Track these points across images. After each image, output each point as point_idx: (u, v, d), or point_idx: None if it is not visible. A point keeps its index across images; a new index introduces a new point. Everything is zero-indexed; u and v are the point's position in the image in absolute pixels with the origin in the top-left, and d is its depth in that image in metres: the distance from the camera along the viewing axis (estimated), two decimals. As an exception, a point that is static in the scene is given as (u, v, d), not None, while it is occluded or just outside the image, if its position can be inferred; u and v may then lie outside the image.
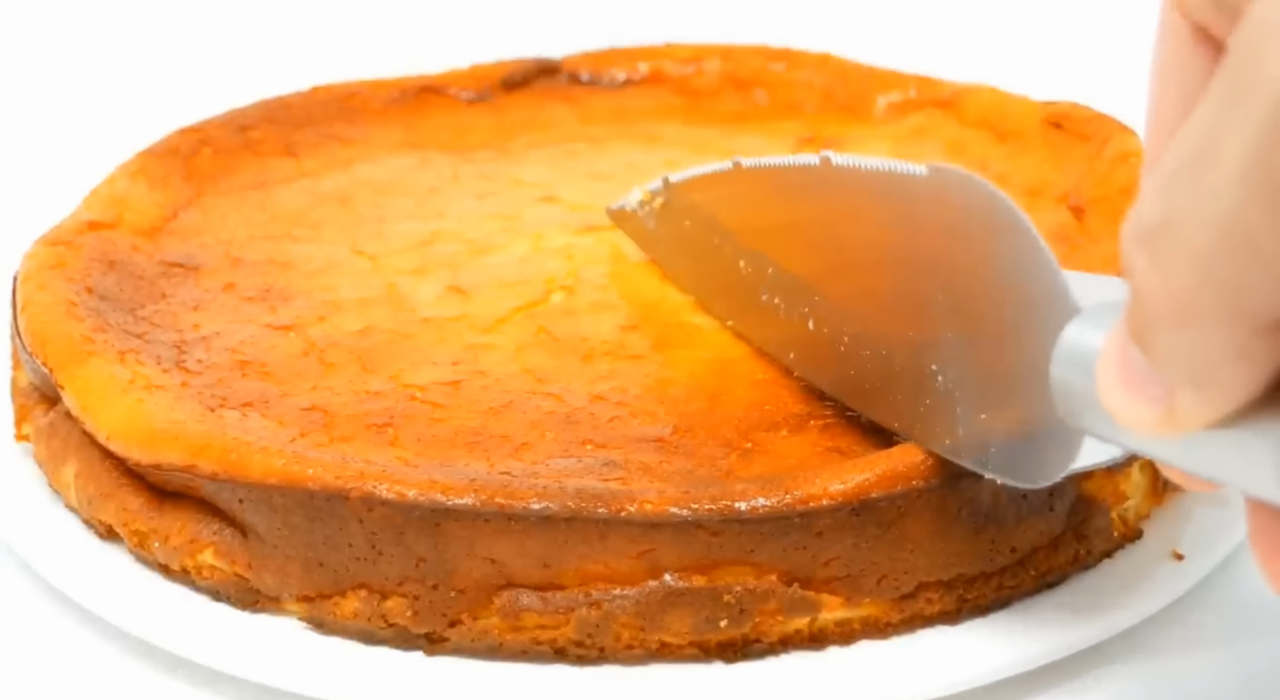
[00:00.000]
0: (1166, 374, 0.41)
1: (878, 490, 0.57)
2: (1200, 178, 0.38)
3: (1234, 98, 0.37)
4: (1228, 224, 0.37)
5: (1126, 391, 0.42)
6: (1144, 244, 0.39)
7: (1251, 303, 0.38)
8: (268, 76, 0.93)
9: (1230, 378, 0.39)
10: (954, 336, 0.55)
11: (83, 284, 0.69)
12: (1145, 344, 0.41)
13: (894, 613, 0.58)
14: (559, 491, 0.57)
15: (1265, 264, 0.37)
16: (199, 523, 0.60)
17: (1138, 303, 0.40)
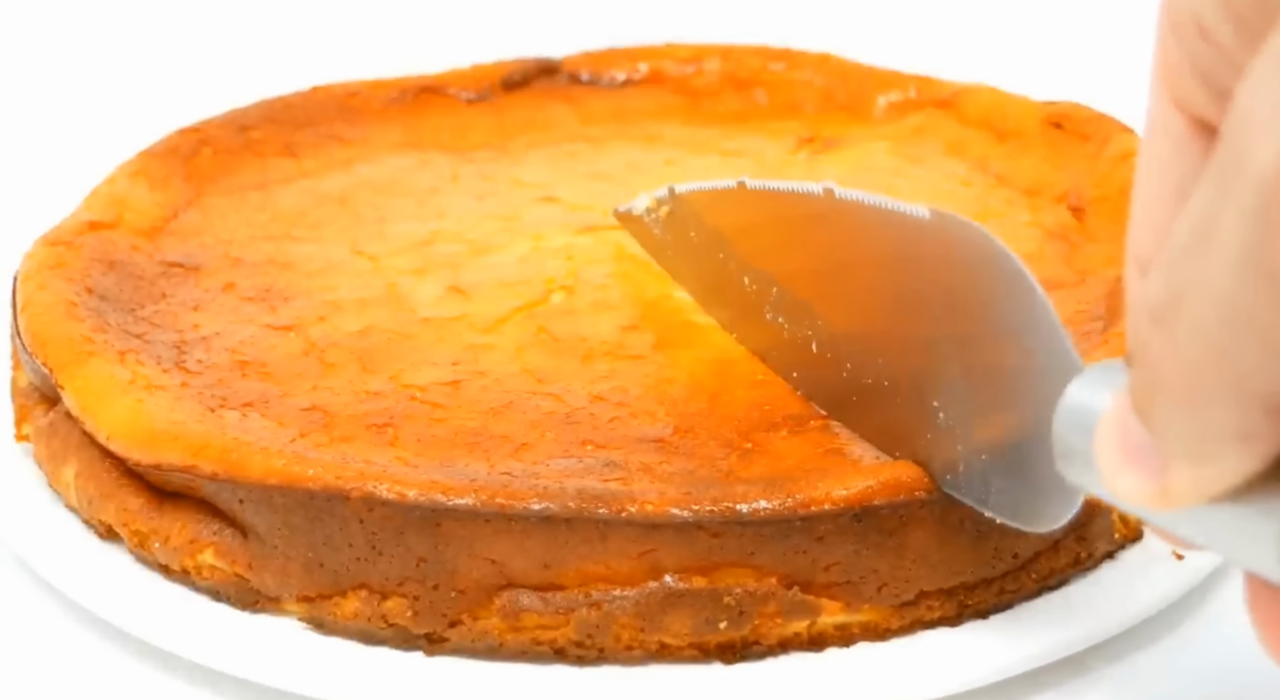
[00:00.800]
0: (1166, 448, 0.41)
1: (880, 498, 0.57)
2: (1201, 259, 0.38)
3: (1223, 184, 0.38)
4: (1231, 305, 0.38)
5: (1124, 462, 0.42)
6: (1154, 319, 0.40)
7: (1257, 383, 0.38)
8: (268, 76, 0.93)
9: (1230, 456, 0.40)
10: (955, 378, 0.56)
11: (83, 284, 0.69)
12: (1147, 416, 0.41)
13: (894, 619, 0.58)
14: (559, 492, 0.57)
15: (1268, 345, 0.38)
16: (199, 523, 0.60)
17: (1143, 375, 0.41)
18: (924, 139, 0.83)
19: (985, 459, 0.55)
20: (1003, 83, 0.84)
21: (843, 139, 0.83)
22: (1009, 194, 0.77)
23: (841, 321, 0.61)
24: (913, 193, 0.78)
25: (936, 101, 0.84)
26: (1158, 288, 0.40)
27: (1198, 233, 0.38)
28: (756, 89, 0.88)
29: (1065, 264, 0.71)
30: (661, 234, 0.70)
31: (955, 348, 0.55)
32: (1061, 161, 0.78)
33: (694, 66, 0.90)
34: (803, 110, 0.87)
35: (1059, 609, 0.59)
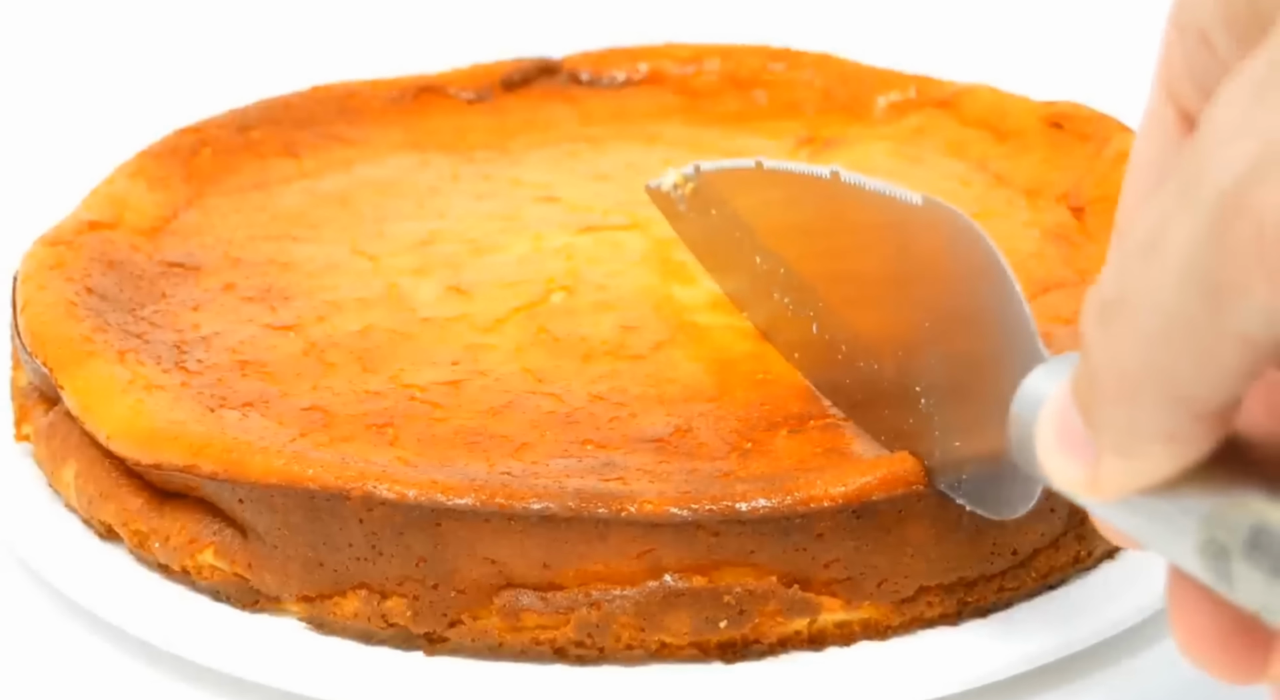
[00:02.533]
0: (1098, 440, 0.42)
1: (879, 493, 0.57)
2: (1149, 264, 0.39)
3: (1182, 192, 0.38)
4: (1170, 313, 0.38)
5: (1060, 449, 0.43)
6: (1099, 316, 0.40)
7: (1187, 390, 0.39)
8: (268, 76, 0.93)
9: (1157, 454, 0.41)
10: (936, 363, 0.56)
11: (83, 284, 0.69)
12: (1084, 409, 0.42)
13: (894, 616, 0.58)
14: (559, 492, 0.57)
15: (1201, 355, 0.38)
16: (199, 523, 0.60)
17: (1084, 369, 0.42)
18: (924, 139, 0.83)
19: (958, 445, 0.56)
20: (1003, 83, 0.84)
21: (842, 139, 0.83)
22: (1009, 194, 0.77)
23: (838, 302, 0.62)
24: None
25: (936, 101, 0.84)
26: (1107, 285, 0.40)
27: (1151, 237, 0.39)
28: (756, 89, 0.88)
29: (1065, 264, 0.71)
30: (686, 210, 0.70)
31: (937, 333, 0.56)
32: (1061, 161, 0.78)
33: (694, 66, 0.90)
34: (802, 110, 0.87)
35: (1059, 608, 0.59)
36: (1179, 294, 0.38)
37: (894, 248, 0.58)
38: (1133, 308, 0.39)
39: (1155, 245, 0.39)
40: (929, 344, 0.57)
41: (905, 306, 0.58)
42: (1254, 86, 0.37)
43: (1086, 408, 0.42)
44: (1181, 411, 0.40)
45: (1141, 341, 0.39)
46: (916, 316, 0.57)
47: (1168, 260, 0.38)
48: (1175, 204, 0.38)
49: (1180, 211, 0.38)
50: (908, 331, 0.58)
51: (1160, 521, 0.42)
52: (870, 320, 0.60)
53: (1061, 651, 0.58)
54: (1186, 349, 0.38)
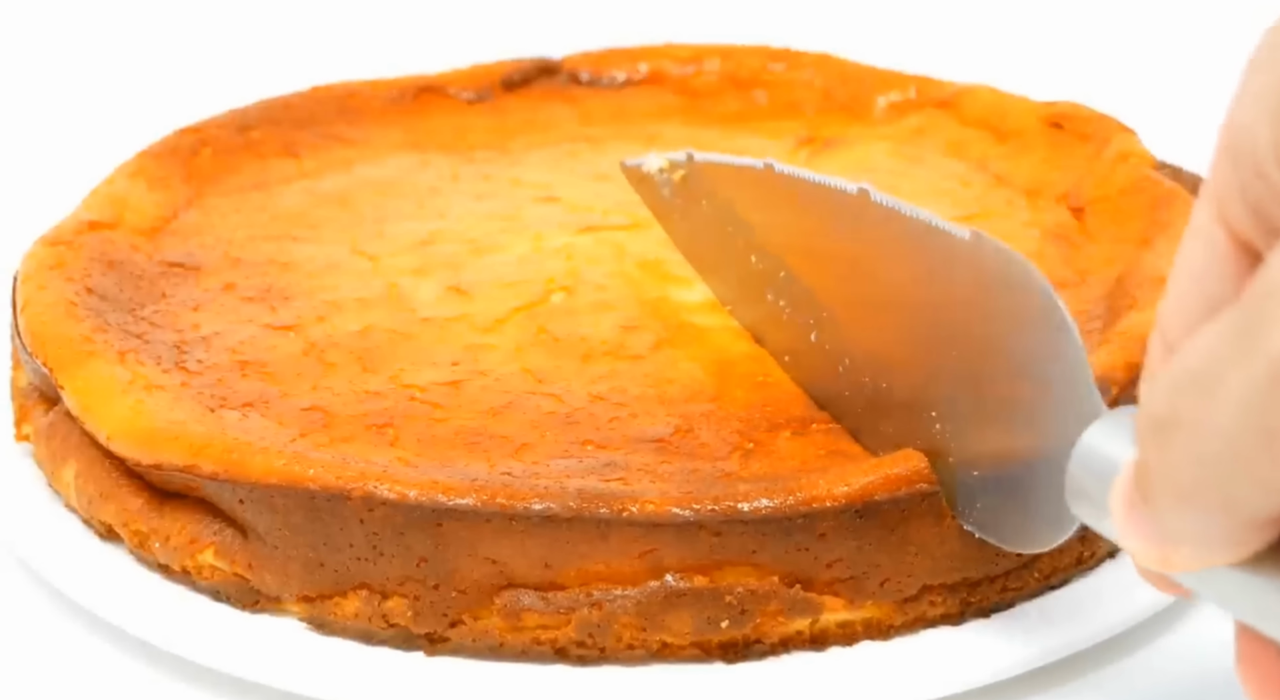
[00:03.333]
0: (1165, 530, 0.43)
1: (881, 493, 0.57)
2: (1207, 398, 0.40)
3: (1241, 341, 0.40)
4: (1227, 445, 0.40)
5: (1130, 526, 0.44)
6: (1154, 431, 0.42)
7: (1243, 506, 0.41)
8: (268, 76, 0.93)
9: (1220, 550, 0.42)
10: (961, 394, 0.56)
11: (83, 284, 0.69)
12: (1146, 501, 0.43)
13: (896, 615, 0.58)
14: (560, 492, 0.57)
15: (1256, 482, 0.40)
16: (199, 523, 0.60)
17: (1141, 473, 0.43)
18: (924, 139, 0.83)
19: (976, 475, 0.56)
20: (1003, 83, 0.84)
21: (842, 139, 0.83)
22: (1009, 194, 0.77)
23: (849, 319, 0.61)
24: (913, 193, 0.78)
25: (936, 102, 0.84)
26: (1160, 402, 0.42)
27: (1207, 372, 0.40)
28: (756, 89, 0.88)
29: (1065, 264, 0.71)
30: (670, 197, 0.69)
31: (968, 367, 0.55)
32: (1061, 161, 0.78)
33: (694, 67, 0.90)
34: (802, 110, 0.87)
35: (1060, 608, 0.59)
36: (1235, 430, 0.40)
37: (930, 277, 0.57)
38: (1189, 433, 0.41)
39: (1212, 382, 0.40)
40: (955, 377, 0.56)
41: (933, 338, 0.57)
42: None
43: (1148, 501, 0.43)
44: (1239, 521, 0.41)
45: (1198, 463, 0.41)
46: (945, 350, 0.56)
47: (1226, 401, 0.40)
48: (1234, 349, 0.40)
49: (1240, 357, 0.39)
50: (931, 360, 0.57)
51: (1242, 592, 0.43)
52: (886, 343, 0.59)
53: (1064, 652, 0.58)
54: (1242, 475, 0.40)
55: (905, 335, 0.58)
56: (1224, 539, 0.42)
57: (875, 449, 0.60)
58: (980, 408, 0.55)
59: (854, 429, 0.61)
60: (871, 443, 0.60)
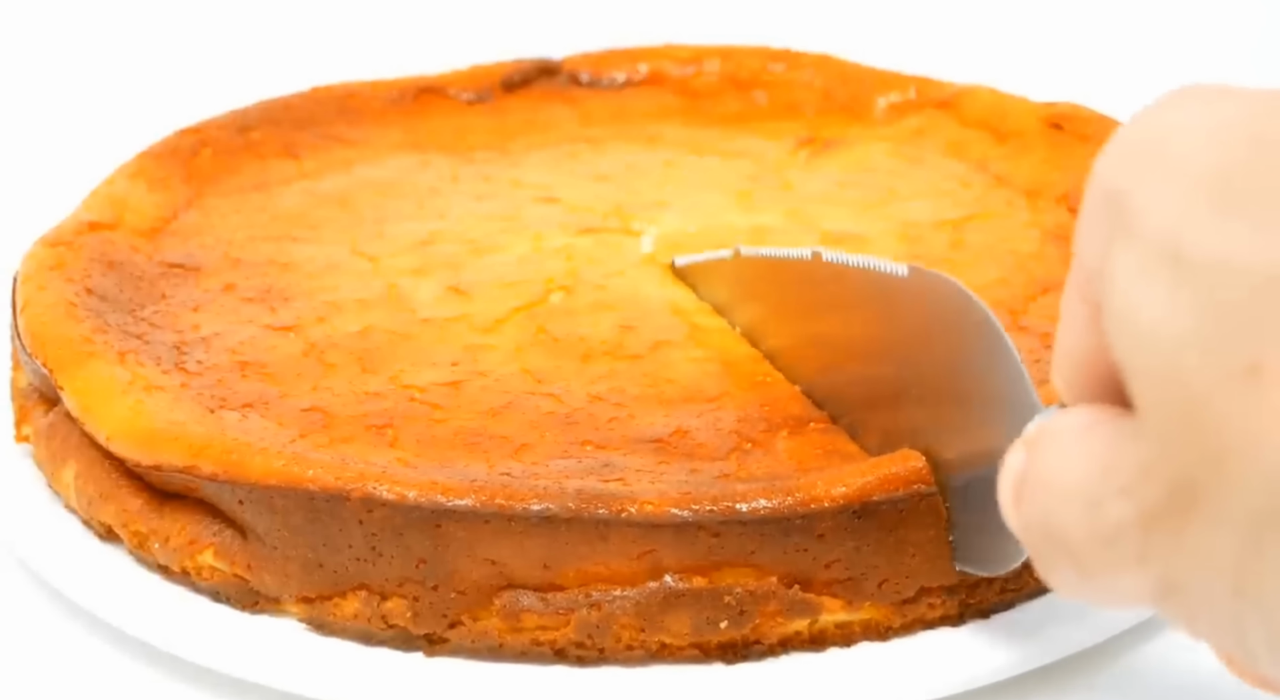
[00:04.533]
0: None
1: (880, 493, 0.57)
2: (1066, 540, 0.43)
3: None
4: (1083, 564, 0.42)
5: (1014, 525, 0.45)
6: (1014, 497, 0.44)
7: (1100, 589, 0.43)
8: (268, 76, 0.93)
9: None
10: (927, 427, 0.57)
11: (82, 285, 0.69)
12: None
13: (895, 617, 0.58)
14: (559, 492, 0.57)
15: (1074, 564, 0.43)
16: (199, 524, 0.60)
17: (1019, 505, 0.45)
18: (924, 140, 0.83)
19: (947, 506, 0.57)
20: (1002, 83, 0.84)
21: (842, 140, 0.83)
22: (1009, 194, 0.77)
23: (823, 379, 0.63)
24: (912, 193, 0.78)
25: (936, 102, 0.84)
26: (1033, 509, 0.43)
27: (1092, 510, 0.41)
28: (756, 90, 0.89)
29: (1065, 265, 0.71)
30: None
31: (924, 397, 0.57)
32: (1061, 162, 0.78)
33: (694, 67, 0.90)
34: (802, 111, 0.87)
35: (1060, 609, 0.59)
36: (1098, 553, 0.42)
37: (880, 320, 0.59)
38: (1055, 543, 0.43)
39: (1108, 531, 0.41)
40: (918, 410, 0.58)
41: (892, 377, 0.59)
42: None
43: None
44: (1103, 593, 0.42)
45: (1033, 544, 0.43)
46: (904, 384, 0.58)
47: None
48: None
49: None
50: (895, 400, 0.59)
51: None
52: (856, 394, 0.61)
53: (1061, 652, 0.58)
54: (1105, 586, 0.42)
55: (870, 380, 0.60)
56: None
57: (873, 448, 0.60)
58: (941, 434, 0.57)
59: (850, 427, 0.62)
60: (868, 441, 0.61)
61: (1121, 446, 0.40)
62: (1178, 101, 0.41)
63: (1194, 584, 0.39)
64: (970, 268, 0.71)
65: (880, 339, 0.59)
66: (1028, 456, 0.44)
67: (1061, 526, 0.42)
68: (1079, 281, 0.43)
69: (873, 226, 0.75)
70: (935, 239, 0.74)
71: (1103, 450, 0.41)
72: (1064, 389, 0.46)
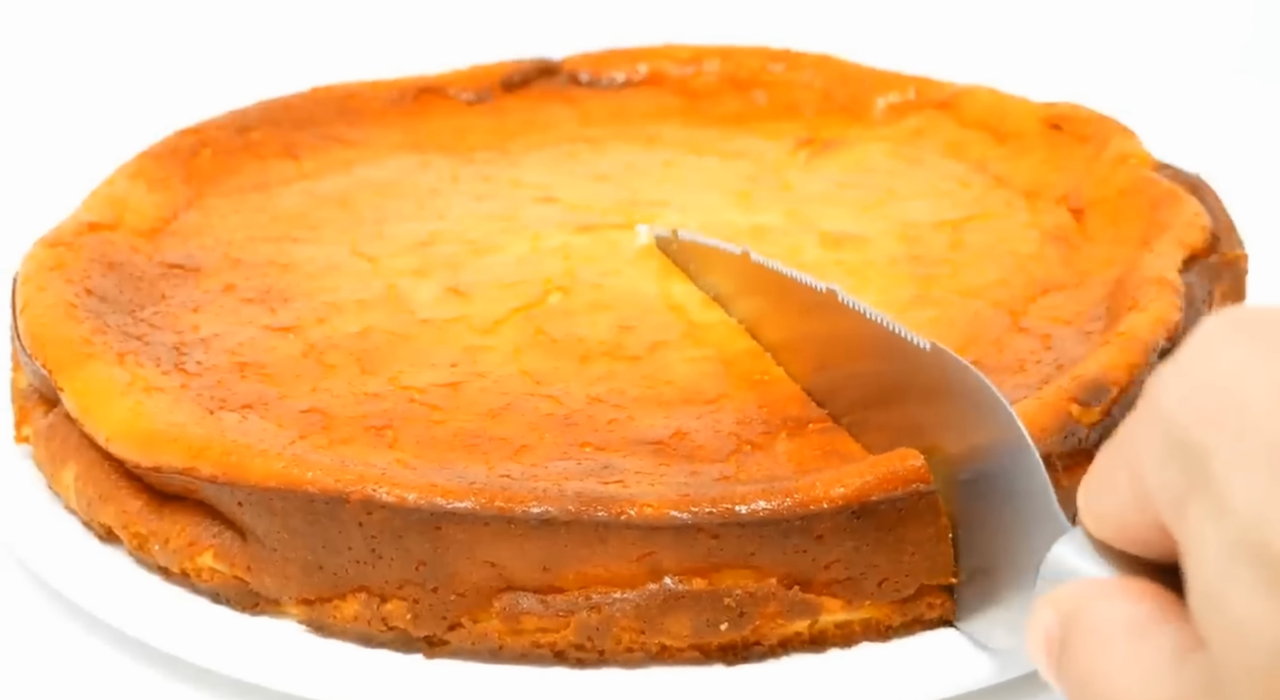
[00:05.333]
0: None
1: (878, 493, 0.57)
2: None
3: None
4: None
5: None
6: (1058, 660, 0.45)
7: None
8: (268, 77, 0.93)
9: None
10: (928, 424, 0.57)
11: (82, 285, 0.69)
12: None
13: (895, 616, 0.58)
14: (558, 495, 0.57)
15: None
16: (199, 525, 0.60)
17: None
18: (923, 140, 0.83)
19: (949, 504, 0.57)
20: (1002, 84, 0.84)
21: (842, 140, 0.83)
22: (1008, 195, 0.77)
23: (823, 380, 0.63)
24: (912, 193, 0.78)
25: (936, 103, 0.84)
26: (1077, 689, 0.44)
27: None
28: (756, 90, 0.89)
29: (1065, 265, 0.71)
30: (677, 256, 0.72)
31: (927, 395, 0.57)
32: (1061, 163, 0.78)
33: (693, 67, 0.90)
34: (802, 111, 0.87)
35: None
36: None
37: (895, 379, 0.59)
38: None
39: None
40: (919, 401, 0.58)
41: (892, 368, 0.59)
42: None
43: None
44: None
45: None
46: (904, 376, 0.58)
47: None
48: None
49: None
50: (895, 390, 0.59)
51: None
52: (854, 383, 0.62)
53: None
54: None
55: (871, 376, 0.60)
56: None
57: (874, 446, 0.60)
58: (946, 425, 0.56)
59: (851, 426, 0.62)
60: (869, 440, 0.61)
61: (1185, 682, 0.41)
62: (1235, 338, 0.41)
63: None
64: (970, 268, 0.71)
65: (891, 397, 0.59)
66: (1063, 628, 0.45)
67: None
68: (1132, 473, 0.43)
69: (872, 227, 0.75)
70: (935, 239, 0.74)
71: (1163, 674, 0.41)
72: (1094, 527, 0.46)
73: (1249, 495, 0.38)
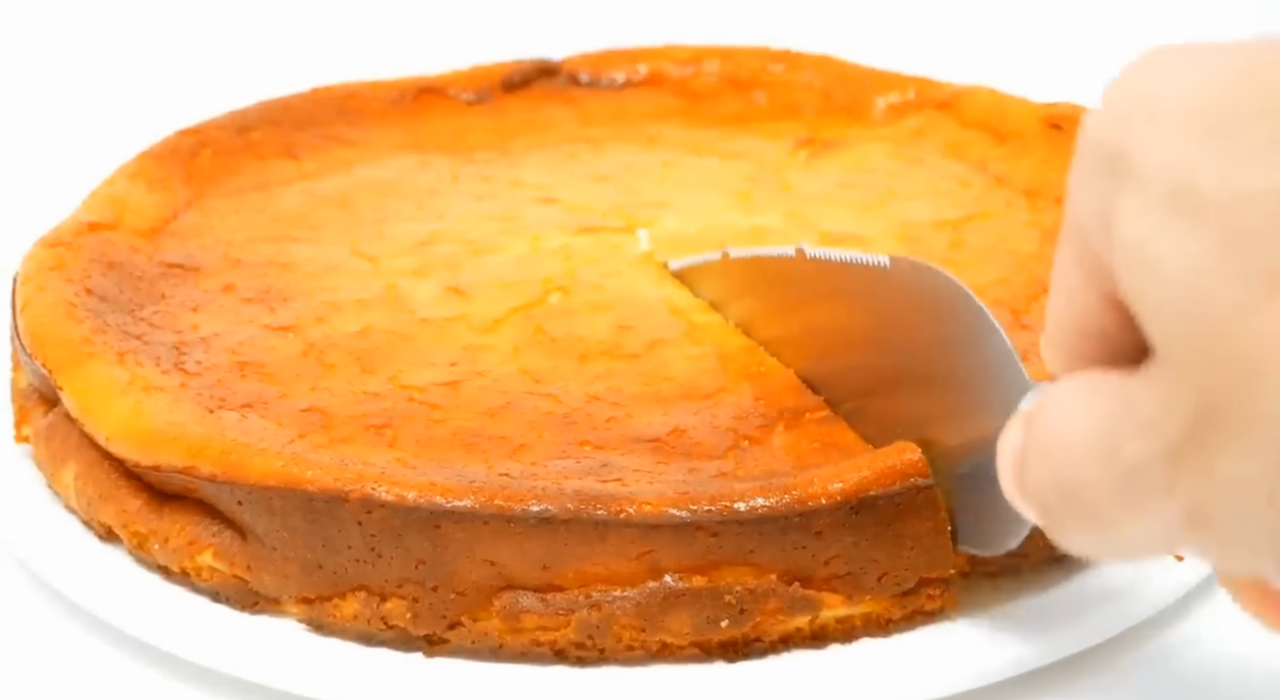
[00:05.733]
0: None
1: (876, 488, 0.57)
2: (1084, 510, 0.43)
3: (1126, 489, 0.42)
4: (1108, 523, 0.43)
5: (1018, 504, 0.45)
6: (1046, 505, 0.44)
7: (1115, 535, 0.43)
8: (268, 77, 0.93)
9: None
10: (923, 414, 0.58)
11: (82, 285, 0.69)
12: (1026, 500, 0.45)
13: (895, 609, 0.58)
14: (558, 493, 0.57)
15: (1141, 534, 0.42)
16: (198, 524, 0.60)
17: (1022, 480, 0.45)
18: (923, 140, 0.83)
19: (947, 493, 0.57)
20: (1002, 84, 0.84)
21: (842, 140, 0.83)
22: (1008, 195, 0.77)
23: (819, 371, 0.64)
24: (912, 193, 0.78)
25: (936, 103, 0.84)
26: (1041, 475, 0.43)
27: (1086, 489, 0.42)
28: (756, 90, 0.89)
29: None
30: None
31: (919, 384, 0.58)
32: (1061, 163, 0.78)
33: (693, 68, 0.90)
34: (802, 111, 0.87)
35: (1060, 607, 0.59)
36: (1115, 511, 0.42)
37: (867, 312, 0.60)
38: (1070, 511, 0.43)
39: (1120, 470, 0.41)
40: (911, 399, 0.58)
41: (883, 366, 0.60)
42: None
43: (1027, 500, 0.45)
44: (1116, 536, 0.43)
45: (1084, 524, 0.43)
46: (895, 373, 0.59)
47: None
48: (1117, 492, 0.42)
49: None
50: (889, 390, 0.60)
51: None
52: (850, 386, 0.62)
53: (1062, 651, 0.58)
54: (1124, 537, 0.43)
55: (862, 370, 0.61)
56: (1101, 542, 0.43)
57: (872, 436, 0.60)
58: (933, 419, 0.57)
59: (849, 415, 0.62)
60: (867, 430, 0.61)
61: (1134, 391, 0.41)
62: (1157, 57, 0.41)
63: (1225, 506, 0.39)
64: (970, 268, 0.71)
65: (868, 327, 0.60)
66: (1026, 430, 0.44)
67: (1076, 481, 0.42)
68: (1073, 243, 0.43)
69: (872, 227, 0.75)
70: (935, 239, 0.74)
71: (1112, 400, 0.41)
72: (1055, 359, 0.46)
73: (1166, 158, 0.39)
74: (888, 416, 0.60)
